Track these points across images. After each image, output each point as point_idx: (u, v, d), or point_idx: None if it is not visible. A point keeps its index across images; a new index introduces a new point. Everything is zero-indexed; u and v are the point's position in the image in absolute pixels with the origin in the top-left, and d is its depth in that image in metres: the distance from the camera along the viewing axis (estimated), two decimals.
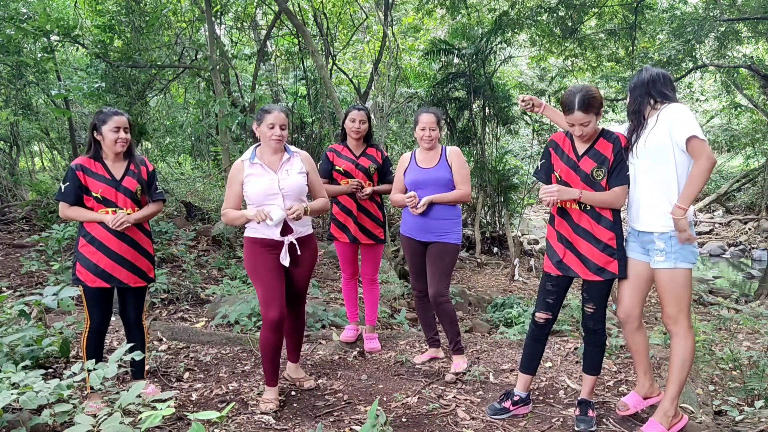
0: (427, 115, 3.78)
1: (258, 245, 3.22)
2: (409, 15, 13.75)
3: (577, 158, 2.94)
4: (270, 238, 3.22)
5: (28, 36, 8.59)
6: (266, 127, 3.18)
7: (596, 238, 2.90)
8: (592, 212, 2.90)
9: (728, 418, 3.35)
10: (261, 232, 3.22)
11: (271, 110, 3.22)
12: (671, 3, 12.35)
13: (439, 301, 3.76)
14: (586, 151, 2.93)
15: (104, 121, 3.10)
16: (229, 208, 3.23)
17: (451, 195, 3.75)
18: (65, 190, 3.11)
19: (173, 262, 7.24)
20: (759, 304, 7.87)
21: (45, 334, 3.65)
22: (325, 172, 4.14)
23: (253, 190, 3.19)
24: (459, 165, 3.79)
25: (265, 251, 3.22)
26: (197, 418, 2.21)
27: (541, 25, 12.10)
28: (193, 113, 11.74)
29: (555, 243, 3.02)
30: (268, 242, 3.22)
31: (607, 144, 2.91)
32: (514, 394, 3.19)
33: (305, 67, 11.35)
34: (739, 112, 17.76)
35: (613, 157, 2.87)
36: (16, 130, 10.52)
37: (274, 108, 3.21)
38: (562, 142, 3.02)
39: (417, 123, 3.83)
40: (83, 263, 3.11)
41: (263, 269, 3.20)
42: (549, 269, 3.05)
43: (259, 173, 3.20)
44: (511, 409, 3.17)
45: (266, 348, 3.23)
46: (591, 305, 3.00)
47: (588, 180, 2.89)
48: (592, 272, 2.93)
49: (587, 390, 3.12)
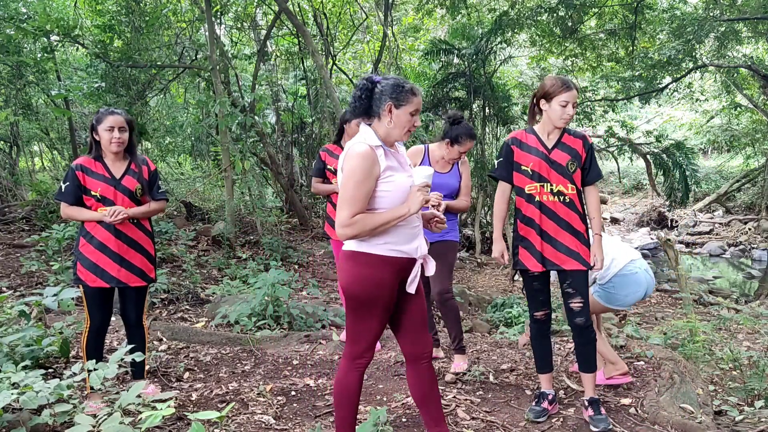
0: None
1: (388, 266, 2.37)
2: (409, 15, 13.75)
3: (547, 151, 3.02)
4: (408, 256, 2.40)
5: (28, 36, 8.58)
6: (407, 114, 2.39)
7: (576, 230, 2.99)
8: (571, 204, 2.99)
9: (728, 418, 3.35)
10: (398, 248, 2.37)
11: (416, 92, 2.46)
12: (671, 3, 12.33)
13: (444, 298, 3.77)
14: (555, 144, 3.02)
15: (100, 121, 3.11)
16: (365, 213, 2.31)
17: (457, 204, 3.81)
18: (65, 190, 3.11)
19: (173, 262, 7.24)
20: (759, 304, 7.87)
21: (45, 334, 3.65)
22: (318, 172, 4.19)
23: (399, 190, 2.36)
24: (467, 176, 3.87)
25: (393, 274, 2.38)
26: (197, 418, 2.21)
27: (541, 25, 12.10)
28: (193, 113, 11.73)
29: (534, 239, 3.03)
30: (400, 262, 2.39)
31: (574, 140, 3.04)
32: (547, 394, 3.20)
33: (305, 67, 11.35)
34: (739, 112, 17.75)
35: (585, 153, 3.03)
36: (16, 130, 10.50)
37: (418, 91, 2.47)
38: (525, 138, 3.10)
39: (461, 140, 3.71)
40: (83, 263, 3.11)
41: (385, 300, 2.39)
42: (534, 267, 3.05)
43: (396, 166, 2.41)
44: (549, 409, 3.18)
45: (350, 394, 2.47)
46: (578, 300, 3.01)
47: (563, 171, 2.98)
48: (577, 261, 2.98)
49: (591, 387, 3.10)
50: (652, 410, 3.15)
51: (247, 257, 8.02)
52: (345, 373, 2.47)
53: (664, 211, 17.08)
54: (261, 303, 5.07)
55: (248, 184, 10.09)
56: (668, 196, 14.23)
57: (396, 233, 2.36)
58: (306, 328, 5.09)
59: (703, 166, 19.74)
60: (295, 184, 11.85)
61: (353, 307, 2.41)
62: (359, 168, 2.29)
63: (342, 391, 2.47)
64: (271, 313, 5.06)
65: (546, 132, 3.06)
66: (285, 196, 11.80)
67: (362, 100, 2.39)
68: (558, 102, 2.94)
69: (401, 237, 2.37)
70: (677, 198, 13.64)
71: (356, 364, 2.45)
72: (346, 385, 2.46)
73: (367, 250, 2.36)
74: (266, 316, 5.04)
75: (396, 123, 2.38)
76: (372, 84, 2.38)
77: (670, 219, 17.00)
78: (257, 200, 9.93)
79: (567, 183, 2.97)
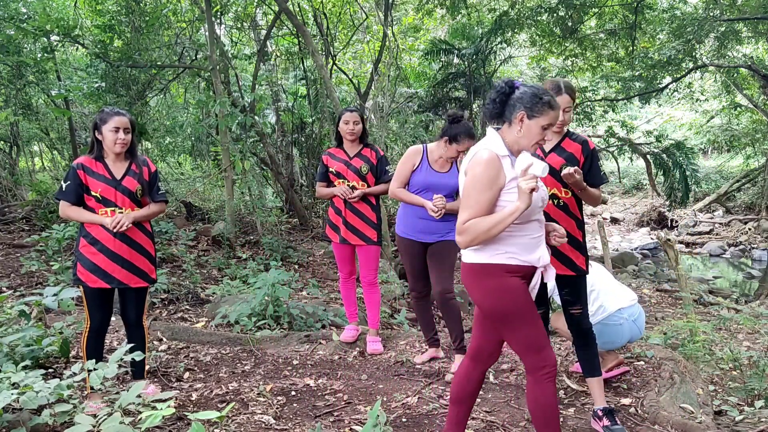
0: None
1: (510, 275, 2.31)
2: (409, 15, 13.74)
3: (544, 154, 2.99)
4: (529, 264, 2.35)
5: (28, 36, 8.58)
6: (538, 127, 2.30)
7: (570, 234, 2.95)
8: (565, 208, 2.96)
9: (728, 418, 3.35)
10: (519, 257, 2.32)
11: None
12: (671, 3, 12.33)
13: (446, 297, 3.77)
14: (553, 149, 2.99)
15: (105, 121, 3.10)
16: (482, 216, 2.25)
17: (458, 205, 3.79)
18: (66, 189, 3.10)
19: (173, 262, 7.24)
20: (759, 304, 7.87)
21: (45, 334, 3.65)
22: (321, 176, 4.18)
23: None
24: None
25: (520, 281, 2.33)
26: (197, 418, 2.21)
27: (541, 25, 12.10)
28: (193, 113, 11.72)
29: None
30: (522, 270, 2.34)
31: (573, 144, 2.97)
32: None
33: (305, 67, 11.34)
34: (739, 112, 17.76)
35: (584, 157, 2.94)
36: (16, 130, 10.51)
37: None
38: None
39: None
40: (83, 263, 3.11)
41: (527, 305, 2.32)
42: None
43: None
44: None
45: (551, 407, 2.34)
46: (578, 306, 3.00)
47: (556, 175, 2.93)
48: (565, 266, 2.95)
49: (601, 395, 3.01)
50: (652, 410, 3.15)
51: (247, 257, 8.02)
52: (536, 387, 2.33)
53: (664, 211, 17.08)
54: (261, 303, 5.07)
55: (248, 184, 10.09)
56: (668, 196, 14.24)
57: (516, 243, 2.30)
58: (306, 328, 5.09)
59: (703, 166, 19.73)
60: (295, 184, 11.85)
61: (500, 320, 2.33)
62: (483, 175, 2.24)
63: (543, 408, 2.33)
64: (271, 313, 5.06)
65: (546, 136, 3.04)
66: (285, 196, 11.80)
67: (497, 104, 2.33)
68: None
69: (521, 247, 2.31)
70: (677, 198, 13.64)
71: (544, 375, 2.32)
72: (544, 401, 2.33)
73: (486, 260, 2.31)
74: (266, 316, 5.04)
75: (526, 134, 2.30)
76: (510, 89, 2.31)
77: (670, 219, 17.01)
78: (257, 200, 9.92)
79: (561, 187, 2.93)
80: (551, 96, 2.30)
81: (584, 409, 3.27)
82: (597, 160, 2.99)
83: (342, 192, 4.02)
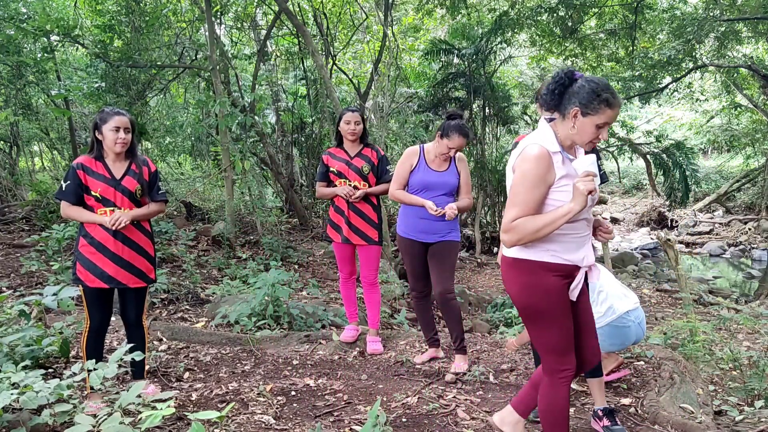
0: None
1: (551, 274, 2.24)
2: (409, 15, 13.74)
3: None
4: (572, 263, 2.26)
5: (28, 36, 8.59)
6: (592, 125, 2.15)
7: None
8: None
9: (728, 418, 3.35)
10: (562, 256, 2.24)
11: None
12: (671, 3, 12.34)
13: (446, 298, 3.77)
14: None
15: (105, 121, 3.10)
16: (530, 214, 2.16)
17: (460, 204, 3.82)
18: (66, 189, 3.10)
19: (173, 262, 7.24)
20: (759, 304, 7.87)
21: (45, 334, 3.65)
22: (321, 176, 4.18)
23: (579, 204, 2.12)
24: (466, 174, 3.87)
25: (559, 282, 2.25)
26: (197, 418, 2.21)
27: (541, 25, 12.10)
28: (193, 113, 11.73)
29: None
30: (565, 269, 2.26)
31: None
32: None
33: (305, 67, 11.35)
34: (739, 112, 17.76)
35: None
36: (16, 130, 10.51)
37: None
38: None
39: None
40: (83, 263, 3.11)
41: (561, 306, 2.25)
42: None
43: (574, 175, 2.19)
44: None
45: (562, 410, 2.32)
46: None
47: None
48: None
49: (601, 395, 3.00)
50: (652, 410, 3.15)
51: (247, 257, 8.02)
52: (551, 389, 2.29)
53: (664, 211, 17.08)
54: (261, 303, 5.07)
55: (248, 184, 10.09)
56: (668, 196, 14.23)
57: (560, 242, 2.22)
58: (306, 328, 5.09)
59: (703, 166, 19.74)
60: (295, 184, 11.85)
61: (530, 317, 2.28)
62: (532, 172, 2.13)
63: (553, 410, 2.29)
64: (271, 313, 5.06)
65: None
66: (285, 196, 11.80)
67: (554, 95, 2.19)
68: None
69: (566, 246, 2.23)
70: (677, 198, 13.64)
71: (561, 378, 2.28)
72: (556, 403, 2.29)
73: (528, 256, 2.23)
74: (266, 316, 5.04)
75: (579, 131, 2.16)
76: (569, 80, 2.17)
77: (670, 219, 17.01)
78: (257, 200, 9.92)
79: None
80: (611, 93, 2.12)
81: (584, 409, 3.27)
82: (599, 159, 3.00)
83: (345, 192, 4.02)
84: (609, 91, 2.12)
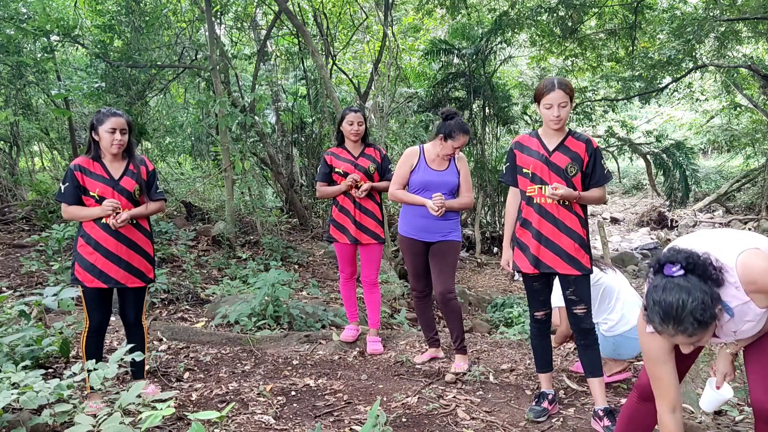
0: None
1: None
2: (409, 15, 13.74)
3: (548, 153, 2.98)
4: None
5: (28, 36, 8.58)
6: None
7: (575, 232, 2.96)
8: (570, 207, 2.96)
9: (728, 418, 3.34)
10: None
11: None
12: (671, 3, 12.34)
13: (447, 298, 3.77)
14: (557, 147, 2.97)
15: (101, 122, 3.09)
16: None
17: (460, 202, 3.82)
18: (65, 191, 3.11)
19: (173, 262, 7.24)
20: None
21: (45, 334, 3.65)
22: (324, 176, 4.16)
23: None
24: (466, 172, 3.86)
25: None
26: (197, 418, 2.21)
27: (541, 25, 12.10)
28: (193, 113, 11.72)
29: (529, 241, 3.02)
30: None
31: (577, 143, 2.97)
32: (547, 394, 3.19)
33: (305, 67, 11.34)
34: (739, 112, 17.75)
35: (588, 156, 2.96)
36: (16, 130, 10.50)
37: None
38: (528, 142, 3.08)
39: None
40: (81, 263, 3.11)
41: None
42: (527, 269, 3.04)
43: None
44: (550, 409, 3.16)
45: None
46: (582, 306, 3.00)
47: (562, 174, 2.93)
48: (571, 265, 2.95)
49: (602, 395, 3.00)
50: None
51: (247, 257, 8.02)
52: (638, 408, 2.31)
53: (664, 211, 17.08)
54: (261, 303, 5.08)
55: (248, 184, 10.09)
56: (668, 196, 14.24)
57: None
58: (306, 328, 5.09)
59: (703, 166, 19.73)
60: (295, 184, 11.85)
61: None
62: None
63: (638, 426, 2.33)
64: (271, 313, 5.06)
65: (548, 135, 3.01)
66: (285, 196, 11.79)
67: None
68: (543, 104, 2.90)
69: None
70: (677, 198, 13.65)
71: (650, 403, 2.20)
72: (643, 420, 2.31)
73: None
74: (266, 316, 5.04)
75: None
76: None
77: (670, 219, 17.00)
78: (257, 200, 9.92)
79: (566, 186, 2.92)
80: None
81: (584, 409, 3.27)
82: (600, 158, 3.00)
83: (348, 185, 4.01)
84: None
